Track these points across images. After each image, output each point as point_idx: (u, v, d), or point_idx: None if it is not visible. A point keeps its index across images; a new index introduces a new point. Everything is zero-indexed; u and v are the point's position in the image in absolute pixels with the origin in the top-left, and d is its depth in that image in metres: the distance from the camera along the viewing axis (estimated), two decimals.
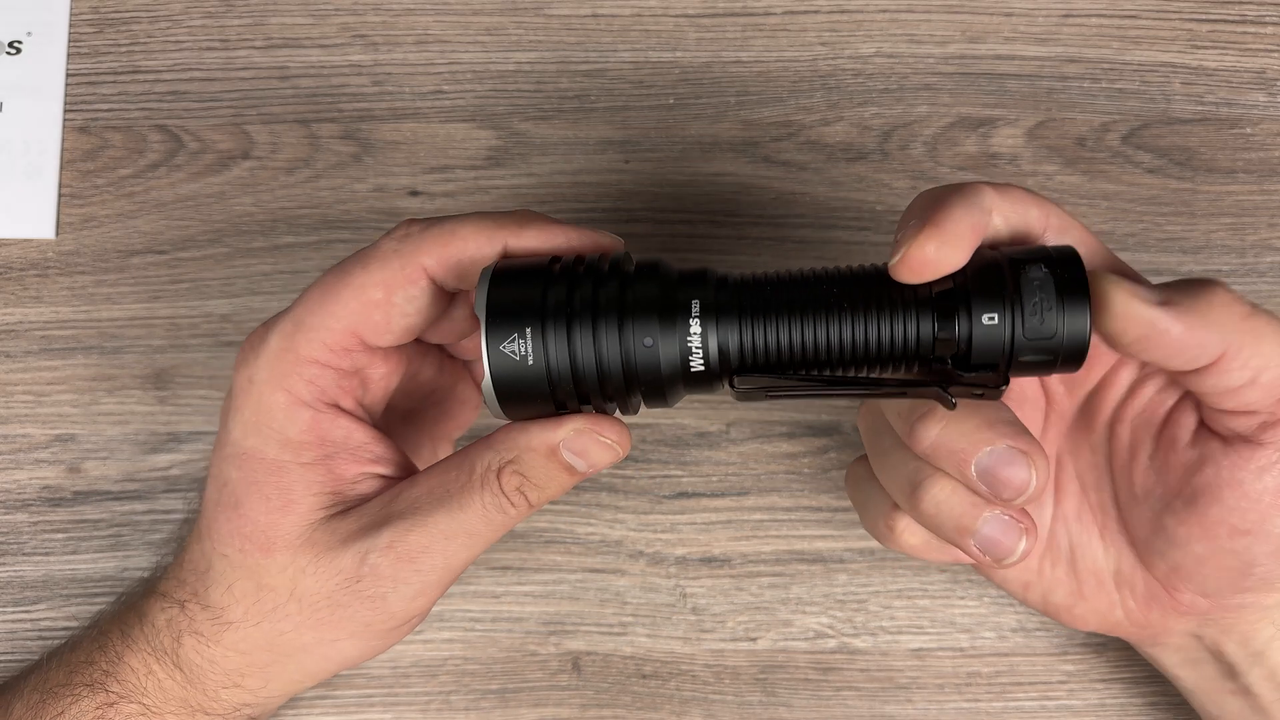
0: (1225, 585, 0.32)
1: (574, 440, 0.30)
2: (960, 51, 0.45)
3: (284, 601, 0.32)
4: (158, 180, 0.44)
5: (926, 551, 0.34)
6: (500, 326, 0.28)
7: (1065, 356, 0.28)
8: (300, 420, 0.31)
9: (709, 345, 0.28)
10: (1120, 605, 0.34)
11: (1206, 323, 0.28)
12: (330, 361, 0.31)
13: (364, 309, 0.30)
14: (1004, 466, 0.28)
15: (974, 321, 0.27)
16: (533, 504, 0.31)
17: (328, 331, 0.30)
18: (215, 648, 0.33)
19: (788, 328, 0.28)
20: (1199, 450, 0.31)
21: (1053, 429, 0.35)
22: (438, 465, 0.31)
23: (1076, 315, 0.27)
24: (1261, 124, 0.44)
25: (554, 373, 0.28)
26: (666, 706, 0.41)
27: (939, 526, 0.31)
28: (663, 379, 0.28)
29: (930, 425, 0.29)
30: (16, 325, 0.43)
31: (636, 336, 0.28)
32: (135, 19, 0.45)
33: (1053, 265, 0.28)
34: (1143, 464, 0.33)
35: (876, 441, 0.33)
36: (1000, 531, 0.30)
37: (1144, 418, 0.33)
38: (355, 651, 0.33)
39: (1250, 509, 0.30)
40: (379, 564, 0.31)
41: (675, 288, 0.29)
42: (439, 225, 0.31)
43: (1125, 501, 0.34)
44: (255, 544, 0.31)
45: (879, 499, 0.34)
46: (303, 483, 0.31)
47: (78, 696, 0.33)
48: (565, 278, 0.29)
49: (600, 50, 0.45)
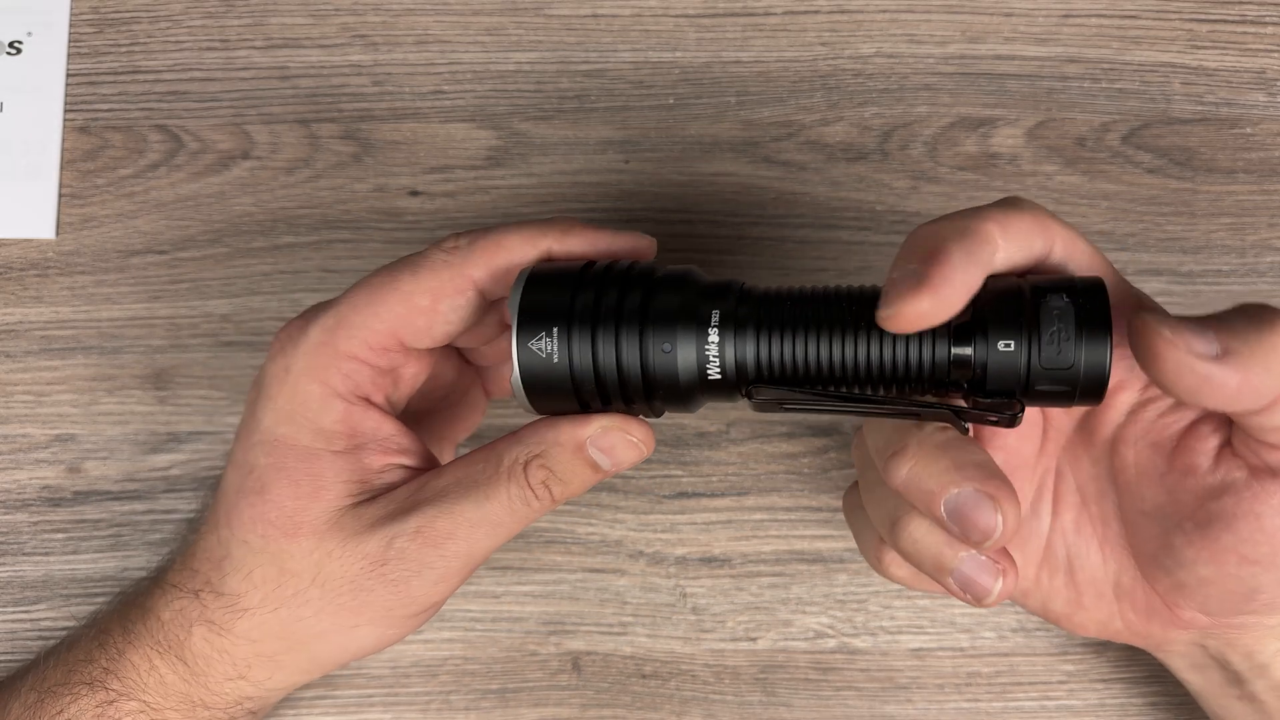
0: (1228, 607, 0.31)
1: (601, 437, 0.30)
2: (960, 51, 0.45)
3: (306, 586, 0.32)
4: (158, 180, 0.44)
5: (916, 583, 0.34)
6: (529, 325, 0.29)
7: (1084, 389, 0.28)
8: (334, 411, 0.32)
9: (726, 355, 0.29)
10: (1120, 616, 0.34)
11: (1268, 370, 0.27)
12: (369, 359, 0.32)
13: (409, 314, 0.31)
14: (971, 510, 0.28)
15: (990, 347, 0.27)
16: (556, 498, 0.31)
17: (370, 331, 0.31)
18: (226, 637, 0.33)
19: (804, 343, 0.29)
20: (1221, 476, 0.30)
21: (1051, 443, 0.35)
22: (465, 457, 0.32)
23: (1096, 348, 0.27)
24: (1261, 124, 0.44)
25: (577, 373, 0.29)
26: (666, 706, 0.41)
27: (919, 563, 0.30)
28: (680, 385, 0.29)
29: (901, 463, 0.29)
30: (16, 325, 0.43)
31: (656, 343, 0.29)
32: (135, 19, 0.45)
33: (1075, 295, 0.27)
34: (1153, 483, 0.32)
35: (865, 474, 0.33)
36: (976, 571, 0.30)
37: (1150, 440, 0.32)
38: (372, 639, 0.33)
39: (1264, 542, 0.29)
40: (406, 548, 0.31)
41: (698, 298, 0.29)
42: (485, 237, 0.32)
43: (1132, 516, 0.33)
44: (280, 529, 0.32)
45: (869, 530, 0.34)
46: (332, 470, 0.32)
47: (77, 695, 0.33)
48: (595, 284, 0.30)
49: (600, 50, 0.45)
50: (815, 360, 0.29)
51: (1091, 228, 0.43)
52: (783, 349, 0.29)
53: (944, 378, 0.28)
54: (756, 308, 0.29)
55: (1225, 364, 0.26)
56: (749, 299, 0.29)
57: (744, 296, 0.29)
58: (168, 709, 0.33)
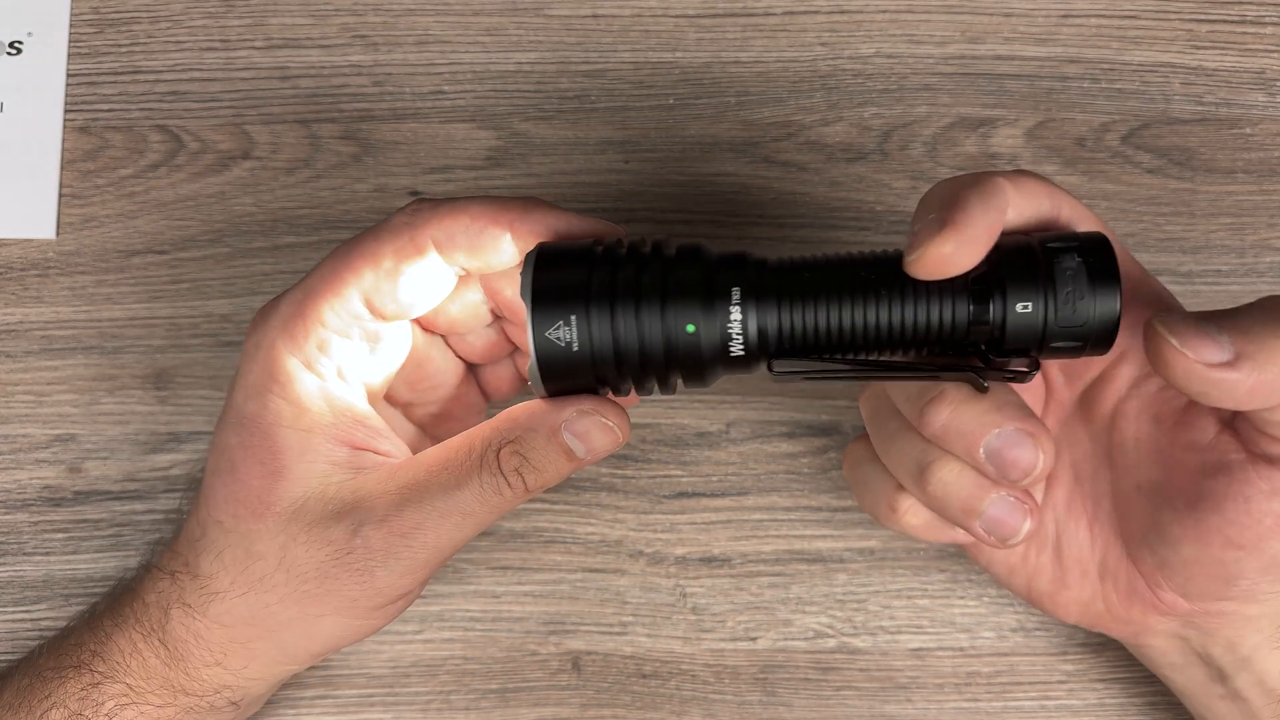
0: (1208, 591, 0.32)
1: (576, 422, 0.30)
2: (960, 52, 0.45)
3: (272, 571, 0.32)
4: (158, 180, 0.44)
5: (926, 532, 0.34)
6: (545, 313, 0.29)
7: (1094, 341, 0.29)
8: (303, 386, 0.31)
9: (749, 329, 0.29)
10: (1102, 597, 0.34)
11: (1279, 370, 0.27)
12: (338, 326, 0.31)
13: (374, 275, 0.31)
14: (1012, 448, 0.29)
15: (1009, 309, 0.28)
16: (529, 488, 0.31)
17: (337, 296, 0.31)
18: (201, 620, 0.33)
19: (825, 312, 0.29)
20: (1218, 455, 0.30)
21: (1051, 417, 0.35)
22: (438, 445, 0.32)
23: (1106, 302, 0.28)
24: (1261, 124, 0.44)
25: (598, 356, 0.29)
26: (666, 706, 0.41)
27: (945, 508, 0.31)
28: (704, 362, 0.29)
29: (941, 409, 0.30)
30: (17, 325, 0.43)
31: (679, 320, 0.29)
32: (135, 19, 0.45)
33: (1085, 253, 0.28)
34: (1149, 456, 0.32)
35: (882, 425, 0.33)
36: (1006, 512, 0.30)
37: (1152, 413, 0.32)
38: (338, 630, 0.33)
39: (1250, 526, 0.30)
40: (371, 536, 0.31)
41: (715, 271, 0.29)
42: (449, 202, 0.32)
43: (1125, 492, 0.33)
44: (248, 509, 0.31)
45: (881, 480, 0.34)
46: (299, 449, 0.31)
47: (65, 678, 0.33)
48: (608, 261, 0.29)
49: (600, 50, 0.45)
50: (838, 328, 0.29)
51: None
52: (804, 320, 0.29)
53: (963, 338, 0.29)
54: (775, 279, 0.29)
55: (1237, 368, 0.27)
56: (766, 270, 0.29)
57: (761, 268, 0.30)
58: (150, 693, 0.33)
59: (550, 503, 0.42)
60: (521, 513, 0.42)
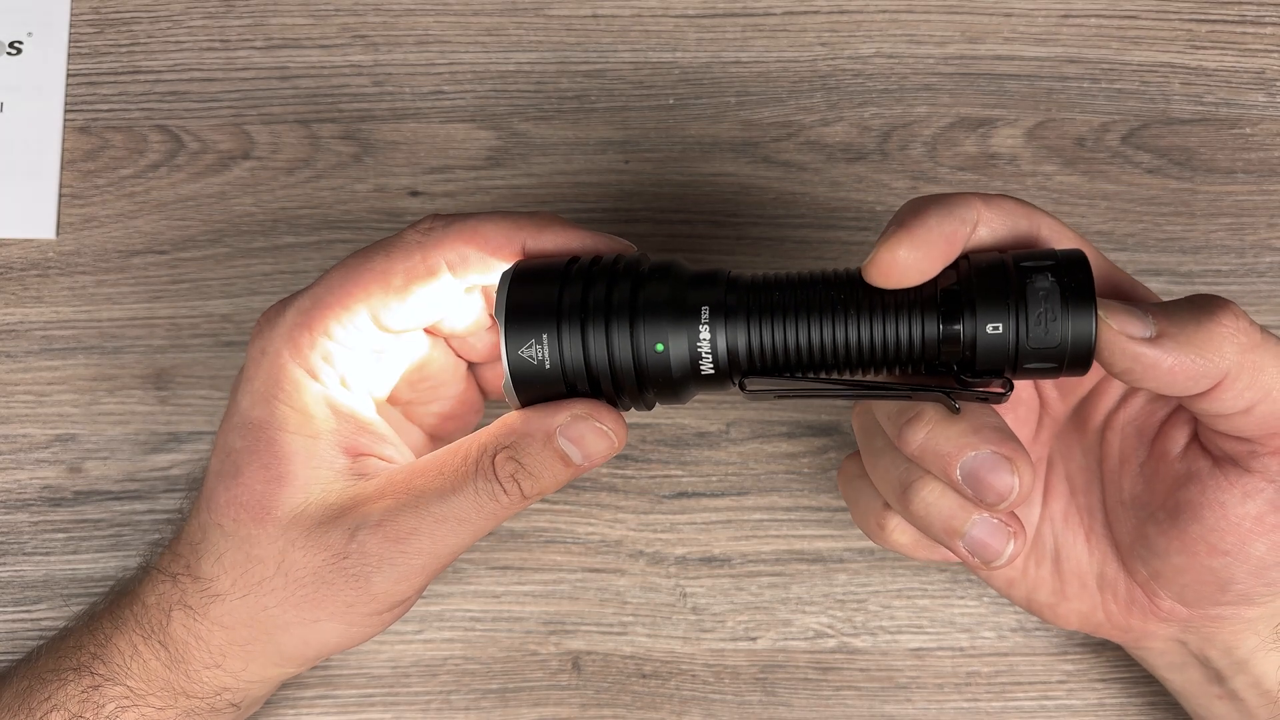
0: (1203, 597, 0.32)
1: (570, 427, 0.30)
2: (960, 52, 0.45)
3: (271, 574, 0.32)
4: (158, 180, 0.44)
5: (916, 550, 0.34)
6: (518, 332, 0.29)
7: (1070, 362, 0.28)
8: (308, 394, 0.32)
9: (718, 348, 0.29)
10: (1102, 608, 0.34)
11: (1202, 354, 0.27)
12: (344, 340, 0.32)
13: (384, 294, 0.31)
14: (987, 472, 0.29)
15: (979, 329, 0.28)
16: (525, 494, 0.31)
17: (345, 310, 0.31)
18: (202, 622, 0.33)
19: (795, 330, 0.29)
20: (1188, 465, 0.31)
21: (1045, 430, 0.35)
22: (435, 452, 0.32)
23: (1081, 323, 0.27)
24: (1261, 124, 0.44)
25: (569, 373, 0.29)
26: (666, 706, 0.41)
27: (928, 527, 0.31)
28: (674, 380, 0.29)
29: (918, 428, 0.29)
30: (17, 325, 0.43)
31: (648, 339, 0.29)
32: (135, 19, 0.45)
33: (1059, 273, 0.28)
34: (1133, 471, 0.33)
35: (869, 441, 0.33)
36: (988, 534, 0.30)
37: (1136, 426, 0.33)
38: (335, 635, 0.33)
39: (1229, 531, 0.30)
40: (367, 542, 0.31)
41: (686, 289, 0.29)
42: (461, 221, 0.32)
43: (1113, 506, 0.34)
44: (250, 513, 0.32)
45: (870, 497, 0.34)
46: (303, 455, 0.31)
47: (65, 680, 0.33)
48: (581, 278, 0.30)
49: (600, 50, 0.45)
50: (806, 346, 0.29)
51: (1091, 228, 0.43)
52: (774, 337, 0.29)
53: (934, 358, 0.29)
54: (745, 297, 0.29)
55: (1158, 346, 0.27)
56: (736, 288, 0.29)
57: (731, 286, 0.29)
58: (150, 695, 0.33)
59: (550, 503, 0.42)
60: (521, 513, 0.42)
